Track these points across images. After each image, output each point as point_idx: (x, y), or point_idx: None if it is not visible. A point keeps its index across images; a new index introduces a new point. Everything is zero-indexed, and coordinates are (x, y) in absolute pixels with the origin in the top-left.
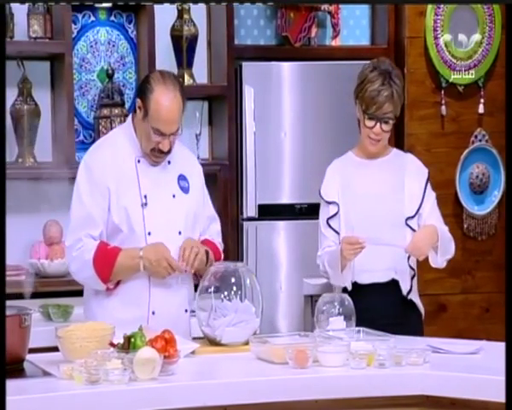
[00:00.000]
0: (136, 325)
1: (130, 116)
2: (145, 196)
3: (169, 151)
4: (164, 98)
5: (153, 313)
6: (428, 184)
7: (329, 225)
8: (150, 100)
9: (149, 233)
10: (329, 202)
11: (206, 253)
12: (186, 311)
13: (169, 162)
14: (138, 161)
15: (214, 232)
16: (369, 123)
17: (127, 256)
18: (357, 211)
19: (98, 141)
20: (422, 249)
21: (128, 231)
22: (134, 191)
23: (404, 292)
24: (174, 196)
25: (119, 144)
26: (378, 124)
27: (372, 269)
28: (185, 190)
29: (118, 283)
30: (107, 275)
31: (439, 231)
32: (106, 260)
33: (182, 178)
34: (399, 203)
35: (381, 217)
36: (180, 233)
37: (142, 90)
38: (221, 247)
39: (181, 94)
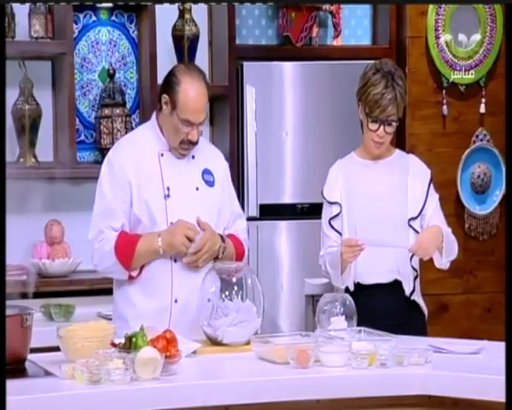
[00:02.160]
0: (160, 314)
1: (153, 114)
2: (168, 188)
3: (197, 142)
4: (191, 88)
5: (175, 301)
6: (431, 186)
7: (332, 226)
8: (178, 92)
9: (172, 223)
10: (332, 203)
11: (223, 248)
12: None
13: (193, 157)
14: (161, 155)
15: (240, 229)
16: (373, 126)
17: (146, 238)
18: (359, 212)
19: (121, 138)
20: (428, 249)
21: (149, 222)
22: (156, 184)
23: (407, 293)
24: (198, 188)
25: (141, 140)
26: (382, 127)
27: (375, 270)
28: (210, 183)
29: (140, 271)
30: (128, 261)
31: (443, 232)
32: (127, 246)
33: (206, 172)
34: (402, 204)
35: (384, 218)
36: None
37: (168, 85)
38: (246, 244)
39: (206, 84)
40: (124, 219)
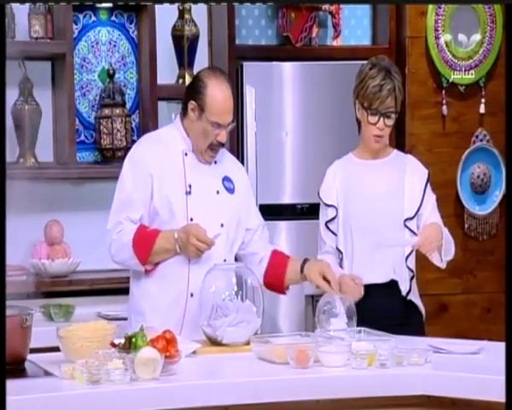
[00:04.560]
0: (175, 307)
1: (177, 116)
2: (189, 186)
3: (224, 143)
4: (218, 90)
5: (191, 295)
6: (428, 185)
7: (328, 228)
8: (206, 95)
9: (191, 219)
10: (328, 205)
11: None
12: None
13: (215, 162)
14: (185, 154)
15: (268, 238)
16: (373, 119)
17: (164, 238)
18: (356, 212)
19: (144, 135)
20: (433, 244)
21: (169, 216)
22: (178, 180)
23: (404, 293)
24: (218, 192)
25: (165, 138)
26: (381, 119)
27: (371, 270)
28: (230, 190)
29: (157, 263)
30: (145, 256)
31: (443, 230)
32: (144, 242)
33: (227, 179)
34: (399, 205)
35: (381, 218)
36: (222, 225)
37: (195, 90)
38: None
39: (230, 85)
40: (143, 210)
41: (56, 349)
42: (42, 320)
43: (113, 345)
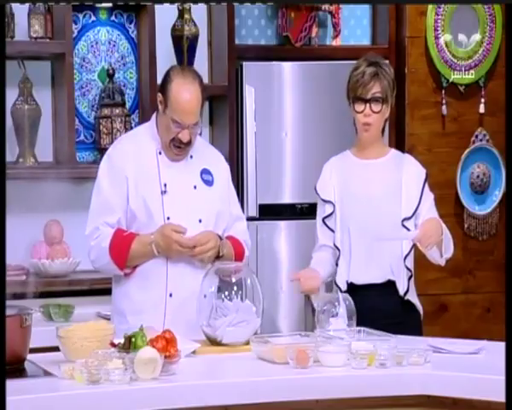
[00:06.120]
0: (155, 309)
1: (154, 114)
2: (165, 185)
3: (189, 143)
4: (182, 89)
5: (170, 295)
6: (426, 185)
7: (325, 224)
8: (169, 90)
9: (168, 218)
10: (325, 201)
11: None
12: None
13: (191, 157)
14: (159, 153)
15: (240, 231)
16: (359, 107)
17: (140, 242)
18: (353, 212)
19: (121, 135)
20: (432, 238)
21: (146, 217)
22: (153, 180)
23: (401, 293)
24: (195, 187)
25: (141, 138)
26: (367, 105)
27: (368, 270)
28: (209, 183)
29: (135, 266)
30: (122, 262)
31: (442, 225)
32: (121, 247)
33: (205, 172)
34: (396, 204)
35: (378, 219)
36: (200, 221)
37: (163, 84)
38: (247, 246)
39: (200, 87)
40: (120, 213)
41: (56, 349)
42: (41, 320)
43: (113, 345)
